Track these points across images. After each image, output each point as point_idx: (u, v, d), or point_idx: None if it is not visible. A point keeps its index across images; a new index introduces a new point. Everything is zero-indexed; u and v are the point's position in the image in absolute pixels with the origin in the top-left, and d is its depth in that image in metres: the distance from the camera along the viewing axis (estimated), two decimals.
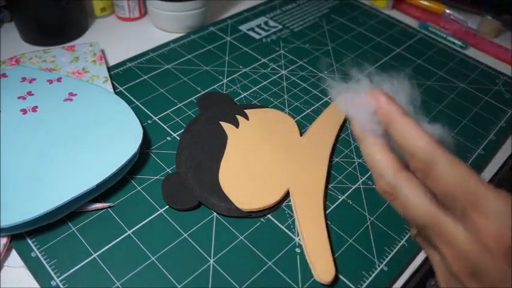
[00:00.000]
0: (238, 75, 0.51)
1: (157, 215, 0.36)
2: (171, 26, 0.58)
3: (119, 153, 0.37)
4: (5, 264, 0.33)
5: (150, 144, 0.42)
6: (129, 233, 0.35)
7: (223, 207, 0.36)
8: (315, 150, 0.42)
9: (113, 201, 0.37)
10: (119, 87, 0.48)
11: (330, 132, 0.44)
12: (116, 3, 0.60)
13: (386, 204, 0.39)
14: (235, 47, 0.56)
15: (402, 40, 0.61)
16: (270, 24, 0.61)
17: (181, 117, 0.45)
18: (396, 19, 0.65)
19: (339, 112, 0.46)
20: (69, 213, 0.35)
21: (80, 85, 0.44)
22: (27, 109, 0.41)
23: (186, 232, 0.35)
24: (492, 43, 0.60)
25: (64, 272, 0.32)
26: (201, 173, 0.38)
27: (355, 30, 0.62)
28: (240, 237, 0.35)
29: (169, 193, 0.37)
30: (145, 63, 0.52)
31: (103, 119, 0.40)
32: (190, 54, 0.54)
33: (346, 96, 0.27)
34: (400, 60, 0.56)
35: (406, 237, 0.37)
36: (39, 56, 0.50)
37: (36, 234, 0.34)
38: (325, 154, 0.41)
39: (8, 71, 0.45)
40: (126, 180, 0.39)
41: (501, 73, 0.56)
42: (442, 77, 0.54)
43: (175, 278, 0.32)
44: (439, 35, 0.62)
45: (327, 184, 0.40)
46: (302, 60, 0.55)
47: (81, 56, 0.50)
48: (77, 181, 0.35)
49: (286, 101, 0.49)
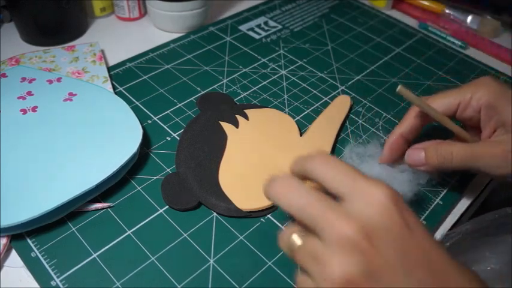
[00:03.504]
0: (238, 75, 0.51)
1: (157, 215, 0.36)
2: (171, 26, 0.58)
3: (118, 153, 0.37)
4: (5, 264, 0.33)
5: (150, 144, 0.42)
6: (129, 233, 0.35)
7: (223, 207, 0.36)
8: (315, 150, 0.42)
9: (113, 201, 0.37)
10: (119, 87, 0.48)
11: (329, 132, 0.44)
12: (115, 3, 0.60)
13: None
14: (235, 47, 0.56)
15: (402, 40, 0.61)
16: (270, 24, 0.61)
17: (181, 117, 0.45)
18: (396, 19, 0.65)
19: (338, 112, 0.46)
20: (69, 213, 0.35)
21: (80, 85, 0.44)
22: (27, 109, 0.41)
23: (186, 232, 0.35)
24: (492, 43, 0.60)
25: (64, 272, 0.32)
26: (201, 173, 0.38)
27: (355, 30, 0.62)
28: (240, 237, 0.35)
29: (169, 193, 0.37)
30: (145, 63, 0.52)
31: (103, 119, 0.40)
32: (190, 54, 0.54)
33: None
34: (400, 60, 0.56)
35: None
36: (39, 56, 0.50)
37: (36, 234, 0.34)
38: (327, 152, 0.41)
39: (8, 71, 0.45)
40: (126, 180, 0.39)
41: (501, 73, 0.56)
42: (442, 77, 0.54)
43: (175, 278, 0.32)
44: (439, 35, 0.62)
45: None
46: (302, 60, 0.55)
47: (81, 56, 0.50)
48: (76, 181, 0.35)
49: (286, 101, 0.49)
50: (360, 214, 0.24)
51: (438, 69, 0.56)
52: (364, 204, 0.24)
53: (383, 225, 0.23)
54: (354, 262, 0.23)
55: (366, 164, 0.41)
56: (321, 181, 0.27)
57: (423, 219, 0.38)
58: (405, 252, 0.23)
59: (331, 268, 0.23)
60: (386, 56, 0.57)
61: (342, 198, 0.25)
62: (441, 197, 0.40)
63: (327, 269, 0.23)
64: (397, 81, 0.53)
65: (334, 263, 0.23)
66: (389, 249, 0.23)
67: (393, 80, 0.53)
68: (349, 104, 0.47)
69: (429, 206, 0.39)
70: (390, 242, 0.23)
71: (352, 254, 0.23)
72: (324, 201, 0.25)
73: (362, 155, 0.41)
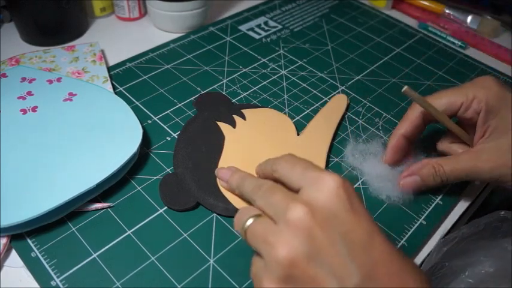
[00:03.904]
0: (238, 75, 0.51)
1: (157, 215, 0.36)
2: (171, 26, 0.58)
3: (118, 153, 0.37)
4: (5, 264, 0.33)
5: (149, 144, 0.42)
6: (129, 233, 0.35)
7: (221, 207, 0.36)
8: (312, 149, 0.42)
9: (113, 201, 0.37)
10: (119, 87, 0.48)
11: (327, 132, 0.44)
12: (115, 3, 0.60)
13: (386, 204, 0.39)
14: (235, 47, 0.56)
15: (402, 40, 0.61)
16: (270, 24, 0.61)
17: (181, 117, 0.45)
18: (396, 19, 0.65)
19: (336, 111, 0.46)
20: (69, 213, 0.35)
21: (80, 85, 0.44)
22: (27, 109, 0.41)
23: (186, 232, 0.35)
24: (492, 43, 0.60)
25: (64, 272, 0.32)
26: (199, 174, 0.38)
27: (355, 30, 0.62)
28: (240, 237, 0.35)
29: (167, 194, 0.37)
30: (145, 63, 0.52)
31: (103, 119, 0.40)
32: (190, 54, 0.54)
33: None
34: (400, 60, 0.56)
35: (406, 237, 0.37)
36: (39, 56, 0.50)
37: (36, 234, 0.34)
38: (323, 153, 0.41)
39: (8, 71, 0.45)
40: (126, 180, 0.39)
41: (501, 73, 0.56)
42: (442, 77, 0.54)
43: (175, 278, 0.32)
44: (439, 35, 0.62)
45: None
46: (302, 60, 0.55)
47: (81, 56, 0.50)
48: (76, 181, 0.35)
49: (286, 101, 0.49)
50: (310, 198, 0.25)
51: (438, 69, 0.56)
52: (315, 190, 0.26)
53: (331, 209, 0.25)
54: (299, 243, 0.24)
55: (368, 162, 0.41)
56: (283, 178, 0.29)
57: (423, 219, 0.38)
58: (350, 237, 0.24)
59: (277, 249, 0.24)
60: (386, 56, 0.57)
61: (298, 190, 0.27)
62: (441, 197, 0.40)
63: (274, 250, 0.24)
64: (397, 81, 0.53)
65: (281, 243, 0.24)
66: (334, 233, 0.24)
67: (393, 80, 0.53)
68: (346, 103, 0.47)
69: (429, 206, 0.39)
70: (336, 226, 0.24)
71: (299, 235, 0.24)
72: (279, 188, 0.28)
73: (364, 153, 0.42)
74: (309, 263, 0.24)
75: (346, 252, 0.24)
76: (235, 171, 0.35)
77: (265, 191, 0.28)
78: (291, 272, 0.24)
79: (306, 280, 0.24)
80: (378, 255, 0.24)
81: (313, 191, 0.26)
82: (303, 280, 0.24)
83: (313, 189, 0.26)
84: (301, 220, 0.24)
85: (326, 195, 0.25)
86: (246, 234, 0.27)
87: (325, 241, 0.24)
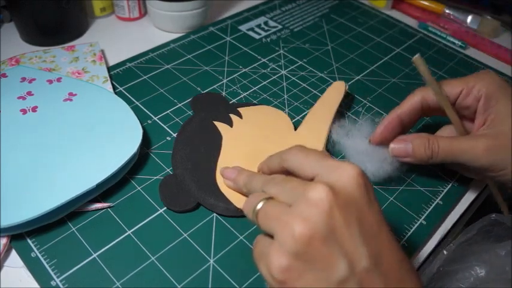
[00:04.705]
0: (238, 75, 0.51)
1: (157, 215, 0.36)
2: (171, 26, 0.58)
3: (118, 153, 0.37)
4: (5, 264, 0.33)
5: (150, 144, 0.42)
6: (129, 233, 0.35)
7: (222, 207, 0.36)
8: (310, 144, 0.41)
9: (113, 201, 0.37)
10: (119, 87, 0.48)
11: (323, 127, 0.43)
12: (115, 3, 0.60)
13: (386, 204, 0.39)
14: (235, 47, 0.56)
15: (402, 40, 0.61)
16: (270, 24, 0.61)
17: (181, 117, 0.45)
18: (396, 19, 0.65)
19: (333, 99, 0.46)
20: (69, 213, 0.35)
21: (80, 85, 0.44)
22: (27, 109, 0.41)
23: (186, 232, 0.35)
24: (492, 43, 0.60)
25: (64, 272, 0.32)
26: (198, 174, 0.38)
27: (355, 30, 0.62)
28: (240, 237, 0.35)
29: (167, 195, 0.37)
30: (145, 63, 0.52)
31: (103, 119, 0.40)
32: (190, 54, 0.54)
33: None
34: (400, 60, 0.56)
35: (406, 237, 0.37)
36: (39, 56, 0.50)
37: (36, 234, 0.34)
38: (320, 146, 0.41)
39: (8, 71, 0.45)
40: (126, 180, 0.39)
41: (501, 73, 0.56)
42: (442, 77, 0.54)
43: (175, 278, 0.32)
44: (439, 35, 0.62)
45: None
46: (302, 60, 0.55)
47: (81, 56, 0.50)
48: (76, 181, 0.35)
49: (286, 101, 0.49)
50: (330, 182, 0.26)
51: (438, 69, 0.56)
52: (336, 176, 0.26)
53: (350, 194, 0.25)
54: (319, 220, 0.24)
55: (352, 139, 0.40)
56: (294, 167, 0.29)
57: (423, 219, 0.38)
58: (364, 223, 0.25)
59: (292, 225, 0.24)
60: (386, 56, 0.57)
61: (312, 179, 0.27)
62: (441, 197, 0.40)
63: (288, 226, 0.24)
64: (397, 81, 0.53)
65: (299, 220, 0.24)
66: (352, 217, 0.25)
67: (393, 80, 0.53)
68: (344, 90, 0.46)
69: (429, 206, 0.39)
70: (354, 211, 0.25)
71: (319, 213, 0.24)
72: (293, 178, 0.28)
73: (349, 130, 0.41)
74: (324, 242, 0.24)
75: (359, 237, 0.24)
76: (241, 170, 0.35)
77: (280, 181, 0.28)
78: (305, 249, 0.24)
79: (318, 258, 0.24)
80: (385, 244, 0.26)
81: (333, 177, 0.26)
82: (315, 258, 0.24)
83: (333, 176, 0.26)
84: (322, 199, 0.24)
85: (347, 180, 0.26)
86: (257, 216, 0.27)
87: (343, 223, 0.24)
